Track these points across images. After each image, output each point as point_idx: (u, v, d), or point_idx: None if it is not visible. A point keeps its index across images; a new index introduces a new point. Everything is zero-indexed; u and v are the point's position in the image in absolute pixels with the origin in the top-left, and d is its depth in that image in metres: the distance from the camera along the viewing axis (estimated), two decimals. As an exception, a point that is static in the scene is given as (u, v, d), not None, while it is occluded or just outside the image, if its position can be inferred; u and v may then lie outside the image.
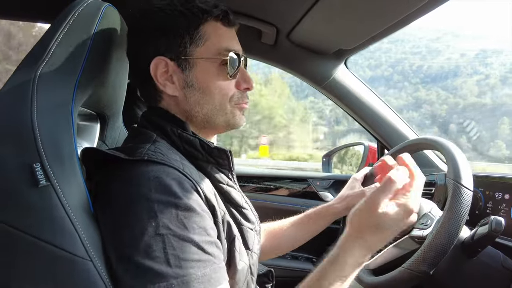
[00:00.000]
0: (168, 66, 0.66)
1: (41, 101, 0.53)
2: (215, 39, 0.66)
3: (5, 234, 0.48)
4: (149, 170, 0.54)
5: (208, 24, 0.66)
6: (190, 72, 0.66)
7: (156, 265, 0.49)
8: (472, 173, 0.77)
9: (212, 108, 0.68)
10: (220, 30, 0.67)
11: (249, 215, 0.72)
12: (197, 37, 0.65)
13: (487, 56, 19.03)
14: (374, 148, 1.59)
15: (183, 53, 0.65)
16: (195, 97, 0.67)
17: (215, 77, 0.67)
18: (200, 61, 0.66)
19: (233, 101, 0.70)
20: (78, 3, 0.63)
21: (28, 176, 0.49)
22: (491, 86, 16.64)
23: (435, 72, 17.88)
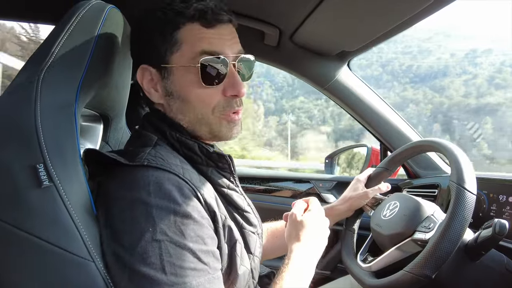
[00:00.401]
0: (152, 74, 0.65)
1: (45, 102, 0.54)
2: (190, 44, 0.61)
3: (7, 234, 0.49)
4: (149, 175, 0.54)
5: (184, 27, 0.61)
6: (169, 80, 0.64)
7: (152, 271, 0.48)
8: (476, 175, 0.77)
9: (194, 118, 0.65)
10: (197, 33, 0.61)
11: (251, 219, 0.72)
12: (171, 42, 0.62)
13: (476, 56, 18.94)
14: (377, 150, 1.59)
15: (161, 60, 0.63)
16: (176, 105, 0.65)
17: (192, 85, 0.62)
18: (177, 68, 0.63)
19: (218, 111, 0.64)
20: (81, 4, 0.63)
21: (31, 177, 0.49)
22: (477, 86, 16.56)
23: (424, 72, 17.88)
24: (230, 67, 0.63)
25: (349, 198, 1.03)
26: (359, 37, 1.11)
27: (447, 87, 16.77)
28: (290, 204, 0.81)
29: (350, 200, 1.02)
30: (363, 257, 0.97)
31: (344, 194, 1.05)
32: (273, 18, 1.12)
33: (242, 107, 0.68)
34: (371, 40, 1.11)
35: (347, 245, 1.02)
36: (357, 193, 1.03)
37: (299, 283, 0.65)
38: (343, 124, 15.66)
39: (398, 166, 1.28)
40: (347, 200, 1.03)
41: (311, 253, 0.72)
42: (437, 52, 18.92)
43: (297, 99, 17.01)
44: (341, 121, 15.36)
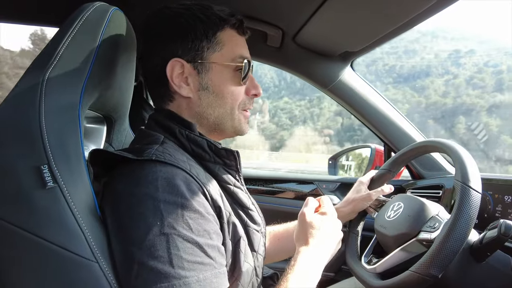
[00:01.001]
0: (184, 68, 0.67)
1: (49, 104, 0.54)
2: (230, 46, 0.69)
3: (11, 234, 0.49)
4: (157, 170, 0.55)
5: (225, 31, 0.69)
6: (206, 75, 0.68)
7: (159, 264, 0.49)
8: (481, 176, 0.76)
9: (223, 112, 0.70)
10: (235, 38, 0.70)
11: (255, 217, 0.72)
12: (214, 42, 0.68)
13: (460, 56, 18.83)
14: (381, 151, 1.58)
15: (199, 56, 0.67)
16: (209, 99, 0.69)
17: (228, 82, 0.69)
18: (216, 65, 0.68)
19: (241, 106, 0.72)
20: (85, 7, 0.64)
21: (35, 178, 0.50)
22: (456, 86, 16.51)
23: (407, 72, 17.80)
24: (251, 71, 0.73)
25: (352, 200, 1.03)
26: (362, 37, 1.11)
27: (427, 87, 16.79)
28: (293, 206, 0.82)
29: (353, 202, 1.02)
30: (367, 258, 0.97)
31: (347, 197, 1.05)
32: (276, 19, 1.13)
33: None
34: (375, 41, 1.11)
35: (351, 247, 1.02)
36: (360, 195, 1.02)
37: (304, 286, 0.64)
38: (320, 124, 15.80)
39: (402, 167, 1.28)
40: (350, 202, 1.02)
41: (318, 256, 0.70)
42: (422, 52, 18.87)
43: (282, 100, 17.12)
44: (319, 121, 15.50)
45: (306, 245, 0.70)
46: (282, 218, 1.06)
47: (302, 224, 0.74)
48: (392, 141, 1.40)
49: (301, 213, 0.76)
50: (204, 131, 0.71)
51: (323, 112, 15.69)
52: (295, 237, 0.75)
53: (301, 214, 0.75)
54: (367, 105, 1.36)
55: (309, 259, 0.68)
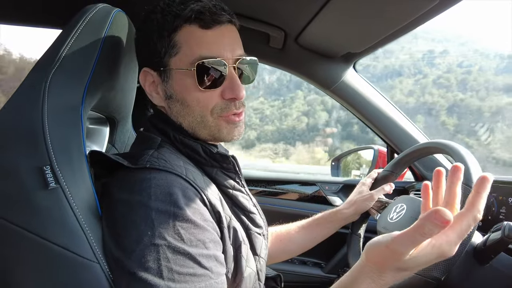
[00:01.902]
0: (153, 76, 0.65)
1: (52, 105, 0.54)
2: (188, 47, 0.61)
3: (13, 235, 0.49)
4: (151, 177, 0.54)
5: (181, 30, 0.60)
6: (168, 83, 0.64)
7: (149, 276, 0.48)
8: None
9: (193, 120, 0.64)
10: (195, 35, 0.60)
11: (257, 220, 0.71)
12: (169, 45, 0.61)
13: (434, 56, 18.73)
14: (383, 152, 1.58)
15: (160, 63, 0.63)
16: (176, 108, 0.65)
17: (191, 88, 0.62)
18: (176, 72, 0.62)
19: (215, 112, 0.63)
20: (88, 9, 0.64)
21: (38, 178, 0.50)
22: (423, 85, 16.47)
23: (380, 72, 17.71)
24: (229, 70, 0.62)
25: (354, 201, 1.02)
26: (364, 38, 1.11)
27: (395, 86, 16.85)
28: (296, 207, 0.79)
29: (355, 203, 1.02)
30: (369, 260, 0.96)
31: (350, 198, 1.05)
32: (278, 20, 1.13)
33: (243, 108, 0.67)
34: (377, 42, 1.10)
35: (353, 249, 1.02)
36: (362, 196, 1.02)
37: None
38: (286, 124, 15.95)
39: (405, 169, 1.27)
40: (353, 204, 1.02)
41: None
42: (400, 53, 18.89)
43: (258, 100, 17.25)
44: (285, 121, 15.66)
45: (375, 277, 0.51)
46: (285, 219, 1.05)
47: (393, 255, 0.47)
48: (395, 142, 1.39)
49: (401, 240, 0.46)
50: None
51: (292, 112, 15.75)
52: (369, 253, 0.51)
53: (402, 244, 0.46)
54: (369, 106, 1.35)
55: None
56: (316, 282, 1.49)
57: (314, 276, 1.49)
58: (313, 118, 15.69)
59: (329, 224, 1.00)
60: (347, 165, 1.88)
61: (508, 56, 16.57)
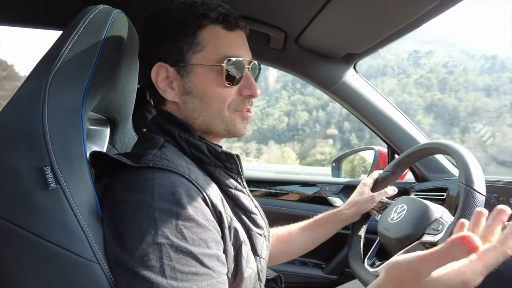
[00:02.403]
0: (169, 72, 0.66)
1: (52, 106, 0.54)
2: (213, 46, 0.64)
3: (13, 235, 0.49)
4: (154, 177, 0.54)
5: (207, 29, 0.64)
6: (188, 78, 0.66)
7: (152, 274, 0.48)
8: (485, 178, 0.76)
9: (210, 115, 0.67)
10: (219, 35, 0.65)
11: (258, 220, 0.71)
12: (193, 43, 0.64)
13: (420, 56, 18.59)
14: (384, 153, 1.58)
15: (181, 59, 0.65)
16: (194, 104, 0.67)
17: (213, 84, 0.65)
18: (198, 67, 0.65)
19: (232, 107, 0.67)
20: (89, 10, 0.64)
21: (38, 179, 0.50)
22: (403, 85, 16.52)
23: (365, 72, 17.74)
24: (245, 70, 0.68)
25: (355, 202, 1.02)
26: (365, 39, 1.11)
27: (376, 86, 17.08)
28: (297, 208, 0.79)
29: (356, 204, 1.01)
30: (370, 261, 0.96)
31: (350, 199, 1.04)
32: (279, 21, 1.13)
33: (253, 106, 0.71)
34: (377, 42, 1.10)
35: (354, 250, 1.01)
36: (363, 197, 1.02)
37: None
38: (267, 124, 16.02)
39: (405, 170, 1.27)
40: (354, 205, 1.02)
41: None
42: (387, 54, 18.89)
43: None
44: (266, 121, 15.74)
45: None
46: (285, 220, 1.05)
47: (414, 277, 0.46)
48: (396, 143, 1.39)
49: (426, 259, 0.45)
50: (200, 133, 0.69)
51: (274, 111, 15.86)
52: (389, 272, 0.51)
53: (425, 263, 0.45)
54: (370, 107, 1.35)
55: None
56: (316, 283, 1.49)
57: (314, 277, 1.49)
58: (293, 118, 15.78)
59: (329, 225, 1.00)
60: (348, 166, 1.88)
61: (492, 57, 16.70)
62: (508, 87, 14.51)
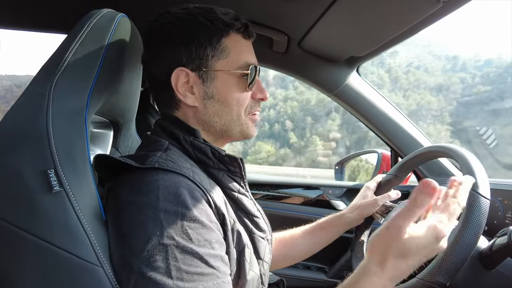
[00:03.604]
0: (189, 77, 0.66)
1: (56, 109, 0.55)
2: (236, 53, 0.67)
3: (17, 238, 0.49)
4: (159, 178, 0.54)
5: (229, 37, 0.67)
6: (211, 83, 0.67)
7: (158, 275, 0.48)
8: (490, 182, 0.75)
9: (230, 119, 0.69)
10: (240, 43, 0.69)
11: (261, 224, 0.71)
12: (219, 49, 0.66)
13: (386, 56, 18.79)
14: (387, 156, 1.57)
15: (204, 64, 0.66)
16: (215, 108, 0.68)
17: (234, 89, 0.68)
18: (221, 73, 0.67)
19: (247, 111, 0.71)
20: (93, 13, 0.65)
21: (42, 182, 0.50)
22: None
23: None
24: (257, 74, 0.71)
25: (358, 206, 1.01)
26: (367, 42, 1.11)
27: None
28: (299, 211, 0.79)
29: (359, 208, 1.01)
30: (374, 265, 0.95)
31: (354, 202, 1.04)
32: (281, 24, 1.13)
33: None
34: (380, 46, 1.10)
35: (357, 254, 1.01)
36: (366, 200, 1.01)
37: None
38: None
39: (409, 173, 1.26)
40: (357, 208, 1.01)
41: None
42: None
43: None
44: None
45: (380, 271, 0.53)
46: (288, 223, 1.05)
47: (392, 238, 0.52)
48: (399, 146, 1.39)
49: (394, 222, 0.52)
50: (211, 137, 0.71)
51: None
52: (370, 246, 0.55)
53: (395, 226, 0.52)
54: (373, 110, 1.35)
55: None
56: (319, 287, 1.48)
57: (317, 281, 1.48)
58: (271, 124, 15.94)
59: (333, 229, 1.00)
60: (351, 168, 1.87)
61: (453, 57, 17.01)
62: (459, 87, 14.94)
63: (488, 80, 14.51)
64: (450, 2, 0.80)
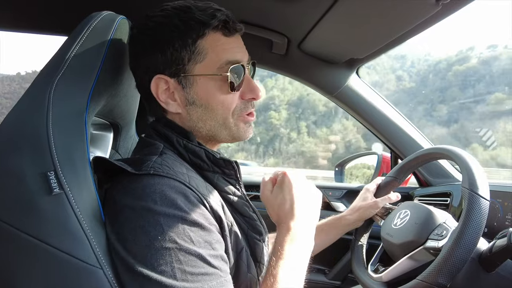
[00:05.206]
0: (169, 83, 0.64)
1: (56, 111, 0.55)
2: (214, 53, 0.63)
3: (17, 240, 0.49)
4: (155, 183, 0.54)
5: (206, 37, 0.62)
6: (191, 89, 0.64)
7: (163, 278, 0.49)
8: (489, 184, 0.75)
9: (215, 124, 0.67)
10: (220, 42, 0.64)
11: (258, 226, 0.71)
12: (195, 52, 0.62)
13: None
14: (387, 158, 1.57)
15: (182, 70, 0.63)
16: (198, 113, 0.66)
17: (216, 93, 0.64)
18: (200, 77, 0.64)
19: (236, 113, 0.67)
20: (93, 16, 0.65)
21: (42, 184, 0.50)
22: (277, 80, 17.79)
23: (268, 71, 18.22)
24: (246, 73, 0.67)
25: (358, 208, 1.01)
26: (367, 44, 1.11)
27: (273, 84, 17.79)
28: None
29: (359, 210, 1.01)
30: (374, 267, 0.95)
31: (353, 204, 1.04)
32: (281, 26, 1.13)
33: (254, 108, 0.71)
34: (380, 48, 1.11)
35: (357, 256, 1.01)
36: (366, 203, 1.01)
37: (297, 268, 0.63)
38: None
39: (409, 175, 1.26)
40: (357, 210, 1.01)
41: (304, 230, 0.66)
42: None
43: None
44: None
45: (285, 228, 0.64)
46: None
47: (264, 200, 0.71)
48: (399, 148, 1.39)
49: (262, 197, 0.72)
50: (201, 140, 0.69)
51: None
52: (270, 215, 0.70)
53: (263, 198, 0.71)
54: (373, 112, 1.35)
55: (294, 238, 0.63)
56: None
57: (317, 283, 1.48)
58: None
59: (332, 230, 1.00)
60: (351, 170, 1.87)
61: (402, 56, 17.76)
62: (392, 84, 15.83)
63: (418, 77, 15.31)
64: (449, 4, 0.80)
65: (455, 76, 17.44)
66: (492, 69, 17.01)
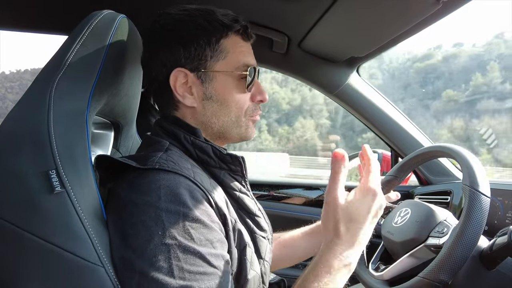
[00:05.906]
0: (188, 77, 0.66)
1: (58, 109, 0.55)
2: (234, 54, 0.68)
3: (18, 238, 0.49)
4: (160, 178, 0.54)
5: (228, 38, 0.67)
6: (210, 84, 0.67)
7: (160, 275, 0.48)
8: (490, 181, 0.75)
9: (228, 120, 0.69)
10: (239, 45, 0.69)
11: (262, 223, 0.71)
12: (218, 50, 0.66)
13: None
14: (387, 157, 1.57)
15: (203, 65, 0.66)
16: (213, 109, 0.68)
17: (233, 90, 0.68)
18: (220, 74, 0.67)
19: (248, 113, 0.71)
20: (94, 15, 0.65)
21: (43, 183, 0.50)
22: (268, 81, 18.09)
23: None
24: (257, 77, 0.72)
25: None
26: (367, 43, 1.11)
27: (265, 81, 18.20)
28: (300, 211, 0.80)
29: None
30: (375, 265, 0.95)
31: None
32: (282, 25, 1.13)
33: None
34: (380, 46, 1.11)
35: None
36: None
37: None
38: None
39: (409, 173, 1.26)
40: None
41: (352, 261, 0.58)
42: None
43: None
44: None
45: (336, 237, 0.58)
46: (288, 223, 1.05)
47: (334, 208, 0.59)
48: (399, 146, 1.39)
49: (329, 196, 0.60)
50: (209, 137, 0.70)
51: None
52: (322, 226, 0.61)
53: (331, 198, 0.59)
54: (373, 110, 1.35)
55: (340, 265, 0.57)
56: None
57: None
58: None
59: None
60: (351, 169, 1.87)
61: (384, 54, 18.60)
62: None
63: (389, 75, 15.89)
64: (450, 3, 0.80)
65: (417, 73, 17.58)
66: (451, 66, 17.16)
